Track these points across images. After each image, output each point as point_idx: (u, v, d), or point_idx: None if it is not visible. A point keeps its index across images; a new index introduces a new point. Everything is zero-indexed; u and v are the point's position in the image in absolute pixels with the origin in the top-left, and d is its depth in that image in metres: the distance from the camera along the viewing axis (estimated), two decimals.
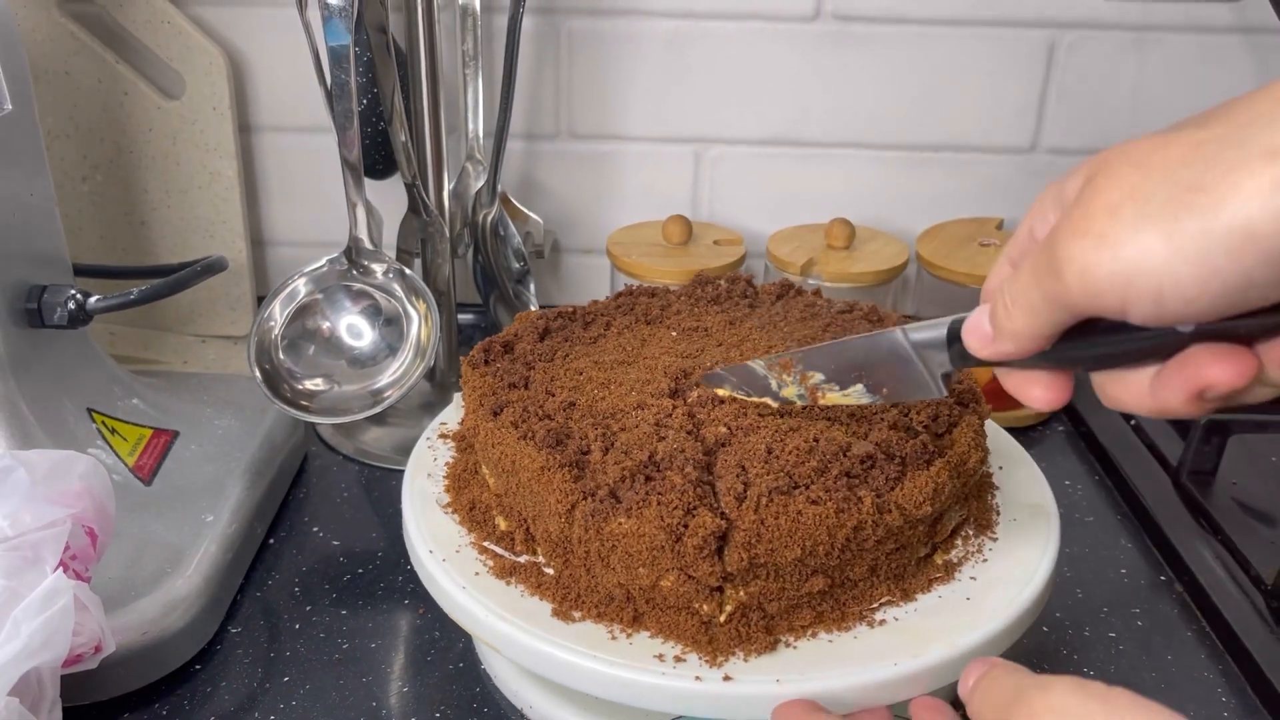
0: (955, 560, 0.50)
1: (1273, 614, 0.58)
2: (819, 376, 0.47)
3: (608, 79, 0.82)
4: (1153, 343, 0.32)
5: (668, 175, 0.85)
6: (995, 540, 0.51)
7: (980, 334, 0.37)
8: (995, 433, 0.59)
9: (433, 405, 0.77)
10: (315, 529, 0.66)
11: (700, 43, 0.80)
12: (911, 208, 0.85)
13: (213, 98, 0.78)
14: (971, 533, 0.51)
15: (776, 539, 0.43)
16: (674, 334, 0.57)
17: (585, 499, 0.45)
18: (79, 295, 0.59)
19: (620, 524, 0.44)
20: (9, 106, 0.56)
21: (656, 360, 0.54)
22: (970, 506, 0.52)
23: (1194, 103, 0.81)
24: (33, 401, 0.58)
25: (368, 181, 0.68)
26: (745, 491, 0.44)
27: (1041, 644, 0.57)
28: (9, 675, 0.40)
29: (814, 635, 0.46)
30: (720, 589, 0.45)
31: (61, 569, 0.43)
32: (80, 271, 0.66)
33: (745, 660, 0.44)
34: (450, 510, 0.53)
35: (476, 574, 0.49)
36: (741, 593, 0.45)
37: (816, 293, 0.61)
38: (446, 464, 0.57)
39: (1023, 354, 0.35)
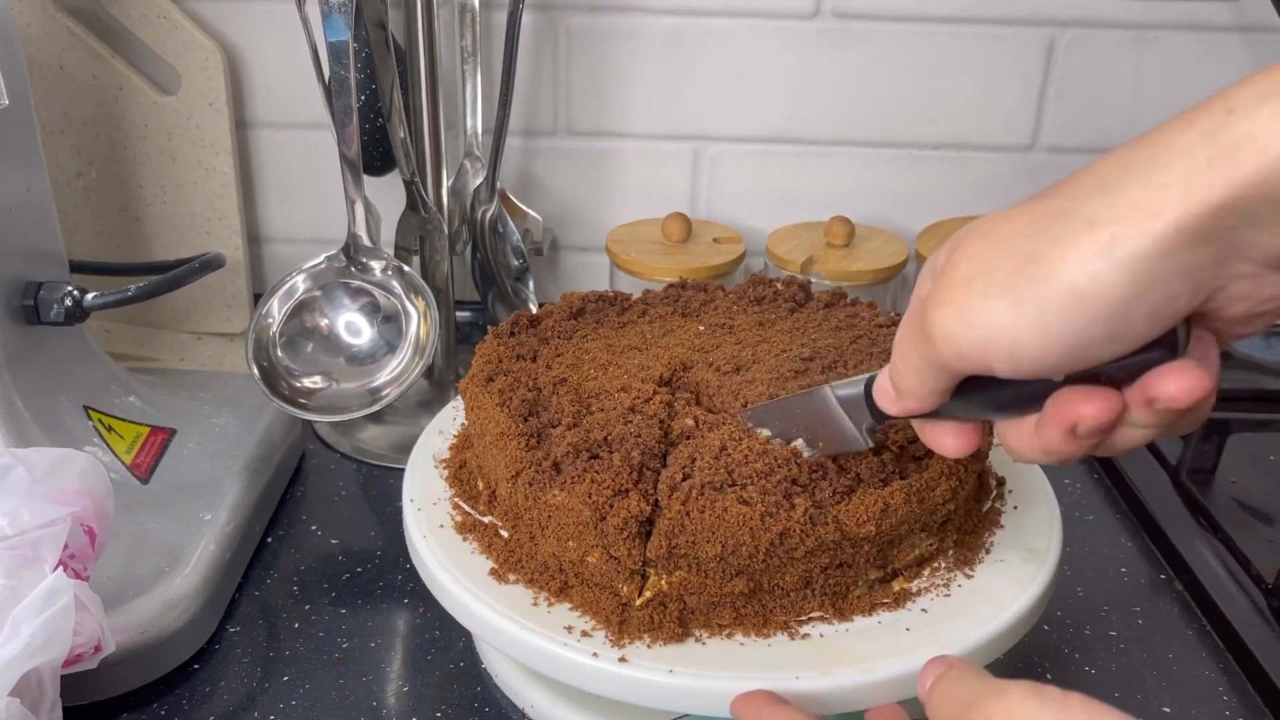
0: (914, 590, 0.48)
1: (1273, 612, 0.58)
2: (766, 432, 0.47)
3: (607, 76, 0.81)
4: (1030, 390, 0.35)
5: (667, 173, 0.84)
6: (970, 578, 0.49)
7: (885, 394, 0.40)
8: (1027, 469, 0.55)
9: (431, 403, 0.76)
10: (314, 527, 0.66)
11: (700, 40, 0.80)
12: (911, 206, 0.84)
13: (209, 93, 0.78)
14: (945, 566, 0.49)
15: (698, 533, 0.43)
16: (701, 328, 0.58)
17: (529, 467, 0.46)
18: (76, 292, 0.59)
19: (554, 495, 0.45)
20: (5, 101, 0.56)
21: (667, 351, 0.55)
22: (947, 539, 0.50)
23: (1193, 100, 0.81)
24: (29, 399, 0.57)
25: (366, 178, 0.68)
26: (681, 483, 0.44)
27: (1043, 642, 0.57)
28: (9, 675, 0.39)
29: (729, 635, 0.45)
30: (643, 573, 0.45)
31: (61, 568, 0.43)
32: (76, 268, 0.66)
33: (649, 647, 0.44)
34: (444, 466, 0.55)
35: (441, 526, 0.51)
36: (664, 581, 0.45)
37: (870, 305, 0.60)
38: (462, 424, 0.58)
39: (923, 409, 0.38)
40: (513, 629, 0.45)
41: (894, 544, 0.47)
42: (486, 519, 0.51)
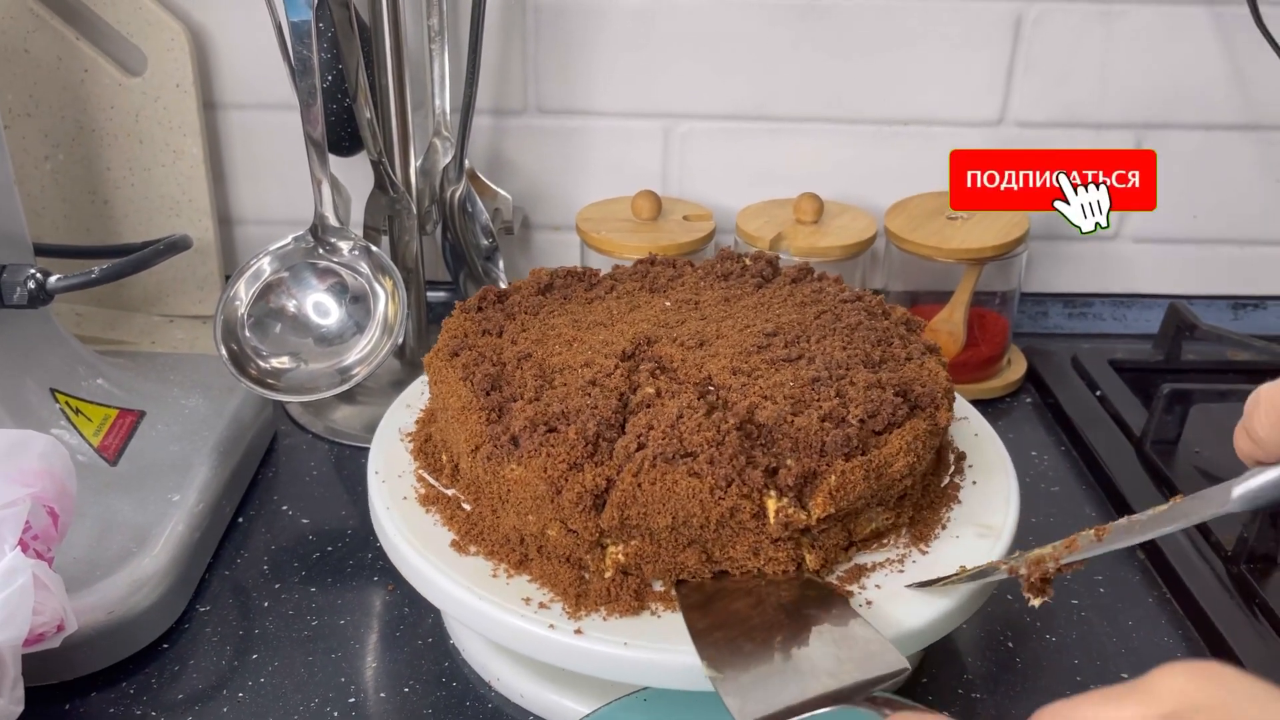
0: (868, 565, 0.48)
1: (1233, 580, 0.59)
2: None
3: (575, 53, 0.81)
4: None
5: (637, 150, 0.84)
6: (925, 554, 0.49)
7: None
8: (989, 443, 0.56)
9: (402, 383, 0.76)
10: (285, 507, 0.66)
11: (668, 16, 0.80)
12: (880, 181, 0.85)
13: (175, 74, 0.77)
14: (902, 541, 0.49)
15: (649, 504, 0.44)
16: (668, 304, 0.58)
17: (488, 441, 0.47)
18: (39, 274, 0.59)
19: (512, 470, 0.46)
20: None
21: (632, 326, 0.55)
22: (903, 514, 0.50)
23: (1160, 75, 0.81)
24: None
25: (335, 159, 0.68)
26: (635, 453, 0.44)
27: (1005, 611, 0.58)
28: None
29: None
30: (602, 545, 0.46)
31: (21, 548, 0.43)
32: (42, 251, 0.66)
33: (605, 619, 0.45)
34: (410, 440, 0.56)
35: (404, 498, 0.52)
36: (620, 553, 0.46)
37: (837, 280, 0.60)
38: (429, 398, 0.58)
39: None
40: (471, 600, 0.46)
41: (852, 517, 0.48)
42: (450, 491, 0.52)
